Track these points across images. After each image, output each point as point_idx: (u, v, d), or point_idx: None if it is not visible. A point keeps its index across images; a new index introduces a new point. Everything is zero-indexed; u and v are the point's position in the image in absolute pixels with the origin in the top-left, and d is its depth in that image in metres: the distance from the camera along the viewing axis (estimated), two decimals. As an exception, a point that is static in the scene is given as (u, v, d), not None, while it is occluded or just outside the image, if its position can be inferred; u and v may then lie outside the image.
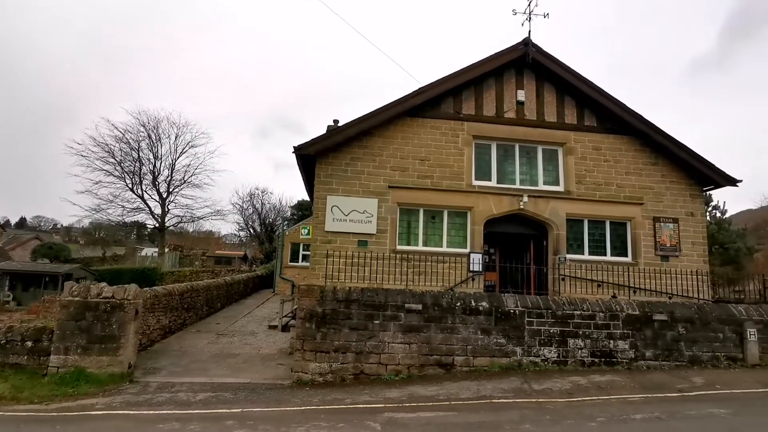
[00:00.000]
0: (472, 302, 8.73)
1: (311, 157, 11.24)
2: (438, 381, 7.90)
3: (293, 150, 10.82)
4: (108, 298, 8.40)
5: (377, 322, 8.43)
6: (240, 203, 41.28)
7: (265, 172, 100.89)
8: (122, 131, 29.30)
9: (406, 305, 8.51)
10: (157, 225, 31.43)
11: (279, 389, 7.76)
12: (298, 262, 24.45)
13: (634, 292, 11.19)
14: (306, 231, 20.35)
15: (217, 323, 14.36)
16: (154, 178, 30.83)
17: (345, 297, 8.51)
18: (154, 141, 30.70)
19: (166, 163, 31.33)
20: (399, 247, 11.16)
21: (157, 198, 30.97)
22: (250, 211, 41.77)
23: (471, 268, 11.13)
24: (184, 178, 31.73)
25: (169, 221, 32.18)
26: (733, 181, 11.96)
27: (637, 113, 11.79)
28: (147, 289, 10.72)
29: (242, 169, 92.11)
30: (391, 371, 8.27)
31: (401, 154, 11.51)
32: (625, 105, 11.77)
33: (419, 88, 11.37)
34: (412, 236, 11.46)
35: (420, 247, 11.31)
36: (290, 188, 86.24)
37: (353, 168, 11.34)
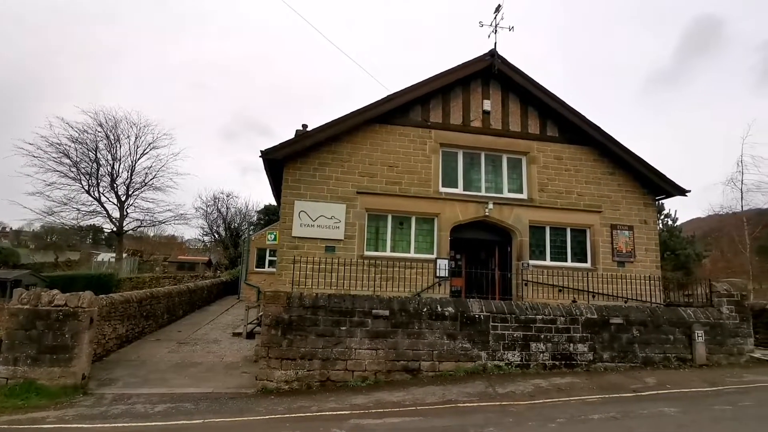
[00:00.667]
0: (439, 307, 8.84)
1: (279, 162, 11.12)
2: (404, 386, 7.94)
3: (260, 154, 10.68)
4: (60, 306, 7.97)
5: (344, 328, 8.40)
6: (204, 207, 40.25)
7: (232, 175, 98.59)
8: (78, 131, 27.98)
9: (374, 311, 8.52)
10: (114, 229, 30.10)
11: (243, 398, 7.58)
12: (264, 267, 24.04)
13: (593, 296, 11.63)
14: (272, 236, 20.06)
15: (178, 331, 13.89)
16: (113, 180, 29.58)
17: (312, 303, 8.43)
18: (113, 141, 29.44)
19: (126, 164, 30.13)
20: (367, 253, 11.18)
21: (115, 201, 29.70)
22: (215, 215, 40.80)
23: (438, 274, 11.27)
24: (145, 180, 30.59)
25: (128, 225, 30.90)
26: (682, 191, 12.68)
27: (595, 125, 12.33)
28: (103, 296, 10.26)
29: (207, 173, 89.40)
30: (358, 377, 8.25)
31: (370, 160, 11.57)
32: (584, 117, 12.29)
33: (388, 96, 11.48)
34: (380, 242, 11.51)
35: (388, 253, 11.36)
36: (257, 192, 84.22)
37: (321, 173, 11.30)
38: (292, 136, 11.90)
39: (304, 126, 12.98)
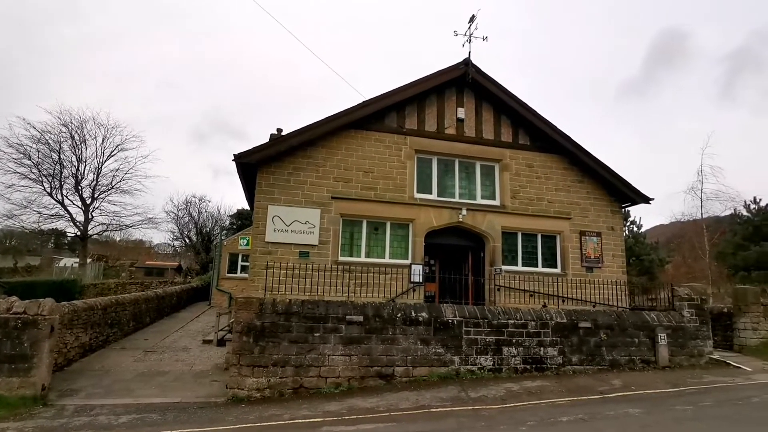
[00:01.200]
0: (413, 313, 8.88)
1: (253, 166, 10.98)
2: (378, 392, 7.92)
3: (234, 158, 10.52)
4: (19, 314, 7.60)
5: (318, 334, 8.32)
6: (175, 211, 39.12)
7: (204, 178, 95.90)
8: (40, 131, 26.83)
9: (347, 317, 8.49)
10: (78, 233, 28.95)
11: (212, 407, 7.40)
12: (236, 273, 23.60)
13: (563, 301, 11.91)
14: (245, 241, 19.70)
15: (145, 339, 13.45)
16: (77, 183, 28.44)
17: (285, 309, 8.33)
18: (78, 143, 28.33)
19: (92, 166, 29.05)
20: (341, 259, 11.13)
21: (79, 204, 28.57)
22: (186, 219, 39.71)
23: (412, 279, 11.33)
24: (111, 183, 29.53)
25: (93, 229, 29.75)
26: (646, 199, 13.18)
27: (565, 134, 12.69)
28: (65, 303, 9.84)
29: (178, 175, 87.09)
30: (332, 384, 8.18)
31: (345, 165, 11.56)
32: (555, 126, 12.64)
33: (364, 101, 11.52)
34: (354, 247, 11.49)
35: (362, 259, 11.35)
36: (230, 196, 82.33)
37: (296, 178, 11.22)
38: (266, 139, 11.78)
39: (279, 130, 12.87)
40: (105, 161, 29.46)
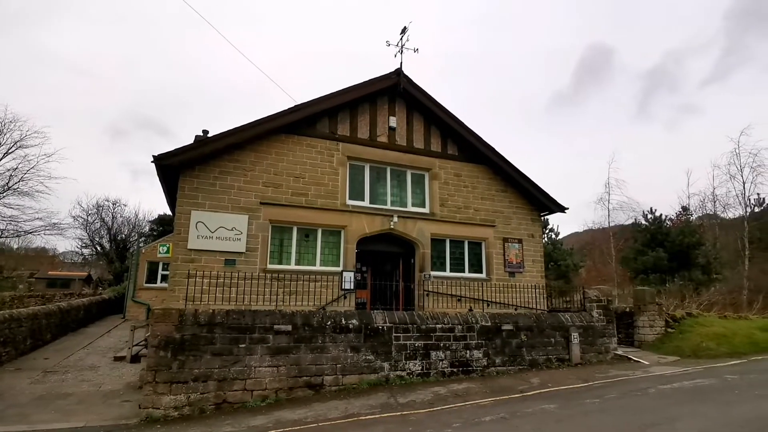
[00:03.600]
0: (343, 320, 8.81)
1: (175, 168, 10.34)
2: (307, 403, 7.74)
3: (153, 159, 9.83)
4: None
5: (243, 345, 7.97)
6: (84, 216, 35.72)
7: (121, 179, 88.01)
8: None
9: (275, 326, 8.22)
10: (-35, 240, 25.48)
11: (122, 430, 6.79)
12: (156, 282, 21.97)
13: (488, 305, 12.45)
14: (165, 249, 18.38)
15: (45, 358, 12.05)
16: (-35, 183, 25.07)
17: (208, 320, 7.89)
18: (-33, 138, 25.04)
19: (-16, 165, 25.74)
20: (270, 266, 10.79)
21: (-32, 207, 25.16)
22: (98, 225, 36.40)
23: (343, 287, 11.25)
24: (8, 184, 26.29)
25: (-15, 236, 26.34)
26: (562, 208, 14.23)
27: (490, 146, 13.37)
28: (-57, 320, 8.56)
29: (90, 176, 79.07)
30: (258, 397, 7.86)
31: (275, 170, 11.26)
32: (480, 137, 13.27)
33: (295, 105, 11.33)
34: (284, 255, 11.19)
35: (293, 266, 11.08)
36: (150, 199, 75.70)
37: (222, 182, 10.73)
38: (192, 140, 11.15)
39: (205, 132, 12.20)
40: (0, 159, 26.25)
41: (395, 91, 12.67)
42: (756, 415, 6.15)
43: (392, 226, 12.12)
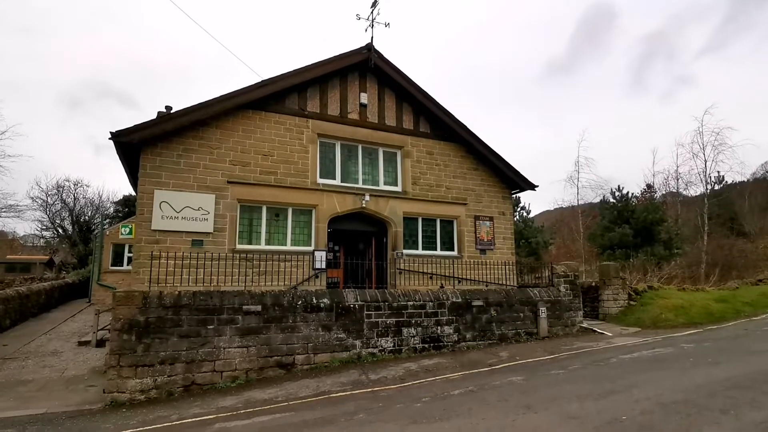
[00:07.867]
0: (314, 299, 8.75)
1: (135, 146, 9.89)
2: (278, 382, 7.70)
3: (110, 136, 9.36)
4: None
5: (212, 327, 7.82)
6: (44, 197, 34.17)
7: (82, 155, 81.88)
8: None
9: (245, 307, 8.09)
10: None
11: (86, 416, 6.60)
12: (122, 265, 21.32)
13: (459, 282, 12.63)
14: (128, 230, 17.67)
15: (3, 345, 11.58)
16: None
17: (174, 302, 7.68)
18: None
19: (-71, 143, 24.10)
20: (239, 247, 10.57)
21: None
22: (59, 206, 34.90)
23: (315, 266, 11.16)
24: (-42, 164, 24.86)
25: (-66, 219, 24.88)
26: (532, 186, 14.42)
27: (462, 124, 13.32)
28: None
29: (47, 152, 73.64)
30: (228, 378, 7.77)
31: (242, 148, 10.93)
32: (452, 115, 13.20)
33: (263, 81, 10.94)
34: (254, 235, 10.97)
35: (263, 246, 10.90)
36: (115, 178, 71.23)
37: (187, 160, 10.34)
38: (156, 116, 10.66)
39: (168, 108, 11.69)
40: (-53, 137, 24.61)
41: (366, 66, 12.39)
42: (707, 381, 6.47)
43: (364, 205, 12.03)
